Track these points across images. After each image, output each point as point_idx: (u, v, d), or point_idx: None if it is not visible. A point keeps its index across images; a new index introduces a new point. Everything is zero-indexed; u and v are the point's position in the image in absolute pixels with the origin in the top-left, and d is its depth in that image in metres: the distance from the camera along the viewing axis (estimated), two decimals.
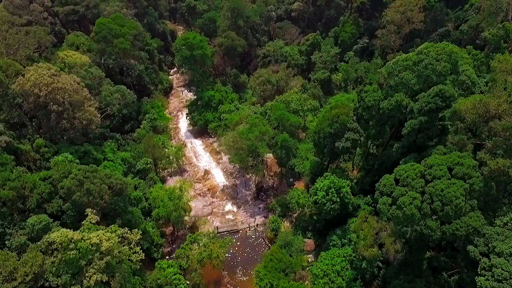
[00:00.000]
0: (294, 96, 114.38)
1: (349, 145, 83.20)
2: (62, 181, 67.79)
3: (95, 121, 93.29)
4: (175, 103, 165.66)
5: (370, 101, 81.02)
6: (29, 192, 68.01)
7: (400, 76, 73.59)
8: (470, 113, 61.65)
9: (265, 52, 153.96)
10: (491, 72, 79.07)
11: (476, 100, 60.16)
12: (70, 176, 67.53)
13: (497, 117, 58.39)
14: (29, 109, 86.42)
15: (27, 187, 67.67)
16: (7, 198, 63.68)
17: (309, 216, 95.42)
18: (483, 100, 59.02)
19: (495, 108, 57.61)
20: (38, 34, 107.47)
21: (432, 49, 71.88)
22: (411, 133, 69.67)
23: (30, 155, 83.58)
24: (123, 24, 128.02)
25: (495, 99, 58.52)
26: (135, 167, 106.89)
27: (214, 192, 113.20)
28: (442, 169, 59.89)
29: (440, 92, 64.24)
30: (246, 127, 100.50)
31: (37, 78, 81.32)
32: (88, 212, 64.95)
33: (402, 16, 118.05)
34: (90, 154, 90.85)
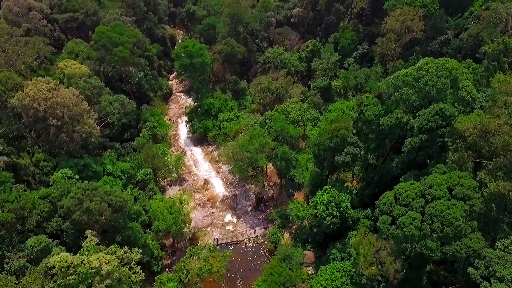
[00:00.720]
0: (294, 106, 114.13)
1: (349, 159, 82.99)
2: (61, 200, 67.67)
3: (94, 134, 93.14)
4: (175, 109, 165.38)
5: (370, 115, 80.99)
6: (28, 213, 67.86)
7: (400, 92, 73.44)
8: (471, 133, 61.48)
9: (264, 58, 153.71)
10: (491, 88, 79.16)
11: (476, 121, 60.06)
12: (69, 195, 67.42)
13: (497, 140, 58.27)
14: (28, 123, 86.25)
15: (26, 208, 67.54)
16: (5, 221, 63.53)
17: (309, 228, 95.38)
18: (483, 121, 58.87)
19: (496, 129, 57.47)
20: (37, 45, 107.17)
21: (433, 65, 71.69)
22: (411, 151, 69.54)
23: (30, 169, 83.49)
24: (122, 33, 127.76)
25: (495, 120, 58.35)
26: (134, 177, 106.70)
27: (214, 203, 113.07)
28: (442, 189, 59.88)
29: (441, 111, 64.14)
30: (245, 139, 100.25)
31: (36, 92, 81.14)
32: (87, 234, 64.83)
33: (402, 25, 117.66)
34: (89, 167, 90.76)
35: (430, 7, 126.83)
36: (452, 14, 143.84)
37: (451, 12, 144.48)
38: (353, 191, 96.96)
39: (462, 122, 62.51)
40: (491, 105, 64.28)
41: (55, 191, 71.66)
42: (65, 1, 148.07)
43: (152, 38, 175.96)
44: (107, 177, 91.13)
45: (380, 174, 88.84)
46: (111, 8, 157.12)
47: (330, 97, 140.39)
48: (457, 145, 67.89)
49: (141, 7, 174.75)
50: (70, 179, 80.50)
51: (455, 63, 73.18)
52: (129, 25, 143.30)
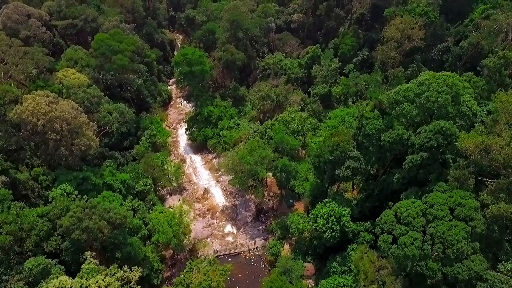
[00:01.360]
0: (294, 115, 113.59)
1: (349, 173, 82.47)
2: (60, 218, 67.26)
3: (93, 146, 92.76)
4: (174, 115, 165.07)
5: (371, 129, 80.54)
6: (27, 233, 67.44)
7: (401, 107, 73.15)
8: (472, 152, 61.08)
9: (264, 64, 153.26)
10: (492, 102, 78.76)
11: (478, 141, 59.62)
12: (68, 214, 66.99)
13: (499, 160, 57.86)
14: (27, 136, 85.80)
15: (24, 228, 67.16)
16: (3, 244, 63.10)
17: (309, 239, 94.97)
18: (485, 141, 58.45)
19: (498, 151, 57.08)
20: (36, 55, 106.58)
21: (434, 81, 71.43)
22: (412, 168, 69.12)
23: (28, 184, 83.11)
24: (121, 40, 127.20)
25: (497, 140, 57.95)
26: (134, 188, 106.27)
27: (213, 213, 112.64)
28: (444, 209, 59.56)
29: (442, 129, 63.76)
30: (245, 150, 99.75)
31: (35, 107, 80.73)
32: (87, 256, 64.44)
33: (402, 34, 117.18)
34: (89, 179, 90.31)
35: (431, 14, 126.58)
36: (452, 21, 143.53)
37: (451, 19, 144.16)
38: (353, 202, 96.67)
39: (464, 141, 62.02)
40: (493, 124, 63.76)
41: (54, 209, 71.29)
42: (64, 8, 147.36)
43: (151, 43, 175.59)
44: (107, 192, 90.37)
45: (380, 187, 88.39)
46: (110, 15, 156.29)
47: (330, 103, 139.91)
48: (459, 163, 67.38)
49: (140, 12, 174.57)
50: (69, 195, 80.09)
51: (456, 78, 72.95)
52: (128, 32, 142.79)
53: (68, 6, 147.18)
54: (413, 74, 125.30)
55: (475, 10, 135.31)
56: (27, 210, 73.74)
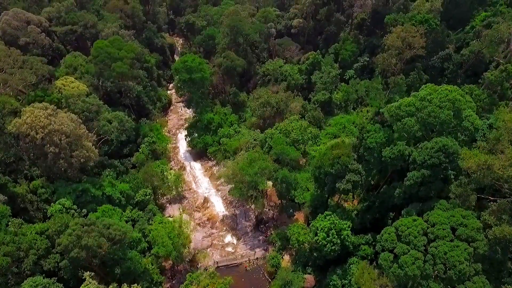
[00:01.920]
0: (294, 124, 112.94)
1: (350, 187, 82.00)
2: (59, 235, 66.74)
3: (92, 157, 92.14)
4: (174, 120, 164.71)
5: (372, 142, 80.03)
6: (25, 253, 66.91)
7: (402, 122, 72.60)
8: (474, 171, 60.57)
9: (264, 70, 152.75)
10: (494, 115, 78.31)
11: (481, 160, 59.06)
12: (67, 232, 66.41)
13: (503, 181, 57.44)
14: (25, 149, 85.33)
15: (22, 248, 66.61)
16: (1, 266, 62.53)
17: (309, 251, 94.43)
18: (488, 162, 57.91)
19: (500, 171, 56.59)
20: (35, 64, 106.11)
21: (435, 96, 70.92)
22: (413, 185, 68.61)
23: (27, 197, 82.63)
24: (121, 47, 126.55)
25: (500, 161, 57.47)
26: (134, 198, 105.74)
27: (213, 222, 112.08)
28: (445, 228, 59.14)
29: (444, 147, 63.29)
30: (246, 161, 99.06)
31: (33, 120, 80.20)
32: (86, 277, 63.96)
33: (403, 42, 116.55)
34: (88, 191, 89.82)
35: (432, 22, 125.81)
36: (453, 27, 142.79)
37: (452, 25, 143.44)
38: (354, 212, 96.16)
39: (466, 160, 61.45)
40: (496, 143, 63.17)
41: (52, 226, 70.81)
42: (64, 14, 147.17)
43: (151, 48, 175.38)
44: (106, 205, 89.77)
45: (381, 199, 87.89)
46: (110, 20, 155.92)
47: (330, 109, 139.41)
48: (461, 181, 66.88)
49: (140, 17, 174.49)
50: (69, 210, 79.62)
51: (457, 92, 72.43)
52: (127, 38, 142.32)
53: (68, 12, 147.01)
54: (414, 81, 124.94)
55: (476, 17, 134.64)
56: (25, 226, 73.33)
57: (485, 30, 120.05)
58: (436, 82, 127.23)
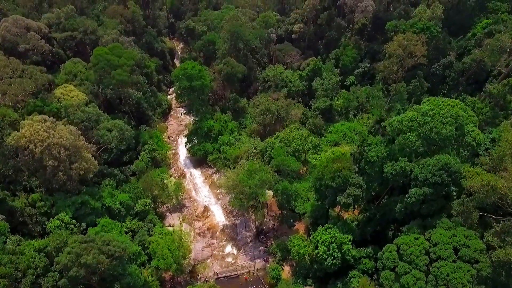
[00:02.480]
0: (295, 134, 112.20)
1: (350, 201, 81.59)
2: (58, 253, 66.16)
3: (92, 169, 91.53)
4: (174, 126, 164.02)
5: (373, 156, 79.45)
6: (23, 273, 66.32)
7: (404, 137, 72.01)
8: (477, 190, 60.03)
9: (265, 76, 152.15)
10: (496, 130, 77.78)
11: (483, 181, 58.50)
12: (66, 250, 65.79)
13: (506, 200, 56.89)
14: (24, 162, 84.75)
15: (20, 268, 66.01)
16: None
17: (310, 263, 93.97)
18: (491, 183, 57.34)
19: (504, 192, 56.06)
20: (34, 74, 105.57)
21: (438, 111, 70.32)
22: (415, 202, 68.05)
23: (26, 211, 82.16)
24: (120, 55, 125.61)
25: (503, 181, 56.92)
26: (133, 208, 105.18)
27: (213, 232, 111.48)
28: (448, 248, 58.66)
29: (446, 165, 62.70)
30: (246, 172, 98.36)
31: (32, 133, 79.61)
32: None
33: (404, 50, 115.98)
34: (87, 204, 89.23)
35: (433, 29, 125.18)
36: (455, 33, 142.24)
37: (453, 31, 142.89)
38: (354, 222, 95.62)
39: (469, 179, 60.91)
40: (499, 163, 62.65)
41: (51, 243, 70.30)
42: (64, 20, 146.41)
43: (151, 52, 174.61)
44: (105, 219, 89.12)
45: (382, 212, 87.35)
46: (109, 26, 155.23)
47: (331, 116, 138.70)
48: (463, 199, 66.29)
49: (140, 22, 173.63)
50: (68, 225, 79.12)
51: (460, 107, 71.90)
52: (127, 45, 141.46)
53: (67, 18, 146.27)
54: (415, 89, 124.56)
55: (477, 24, 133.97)
56: (24, 243, 72.78)
57: (486, 38, 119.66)
58: (437, 89, 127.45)
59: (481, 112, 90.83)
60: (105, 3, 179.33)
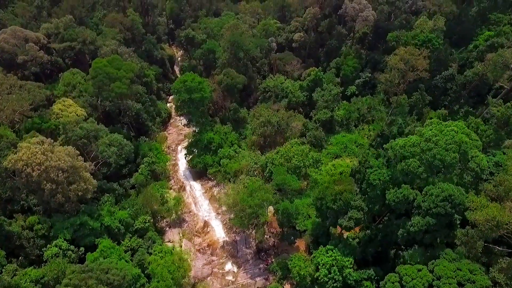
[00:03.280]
0: (295, 149, 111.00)
1: (352, 225, 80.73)
2: (55, 285, 65.23)
3: (90, 190, 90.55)
4: (174, 135, 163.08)
5: (375, 180, 78.36)
6: None
7: (407, 163, 70.99)
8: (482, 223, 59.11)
9: (265, 86, 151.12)
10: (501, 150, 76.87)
11: (489, 215, 57.57)
12: (64, 282, 64.79)
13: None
14: (21, 184, 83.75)
15: None
16: None
17: (310, 282, 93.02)
18: (496, 218, 56.39)
19: (510, 226, 55.16)
20: (32, 91, 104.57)
21: (441, 137, 69.24)
22: (418, 232, 67.11)
23: (23, 234, 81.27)
24: (119, 67, 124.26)
25: (508, 214, 55.99)
26: (133, 226, 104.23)
27: (214, 249, 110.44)
28: (452, 283, 57.75)
29: (450, 197, 61.69)
30: (246, 191, 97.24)
31: (29, 157, 78.58)
32: None
33: (406, 64, 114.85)
34: (86, 225, 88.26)
35: (435, 41, 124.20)
36: (456, 44, 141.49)
37: (455, 42, 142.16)
38: (355, 240, 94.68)
39: (474, 212, 59.99)
40: (504, 195, 61.68)
41: (48, 274, 69.39)
42: (62, 30, 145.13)
43: (150, 60, 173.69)
44: (104, 242, 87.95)
45: (384, 233, 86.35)
46: (109, 34, 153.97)
47: (332, 127, 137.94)
48: (467, 230, 65.39)
49: (139, 29, 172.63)
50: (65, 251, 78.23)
51: (464, 133, 70.84)
52: (126, 56, 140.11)
53: (66, 28, 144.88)
54: (416, 102, 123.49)
55: (479, 35, 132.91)
56: (20, 273, 71.73)
57: (488, 51, 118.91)
58: (439, 101, 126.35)
59: (484, 135, 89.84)
60: (104, 11, 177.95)
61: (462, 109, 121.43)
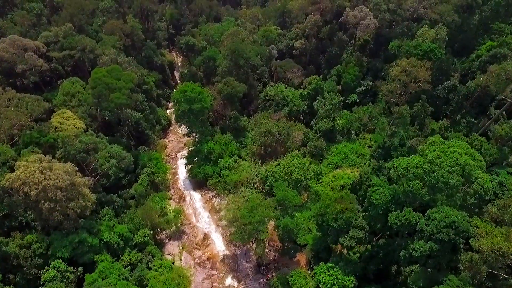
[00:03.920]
0: (296, 161, 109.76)
1: (353, 244, 79.92)
2: None
3: (89, 206, 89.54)
4: (174, 143, 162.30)
5: (377, 199, 77.46)
6: None
7: (410, 185, 70.05)
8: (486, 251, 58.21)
9: (265, 95, 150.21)
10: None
11: (494, 245, 56.64)
12: None
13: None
14: (19, 202, 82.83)
15: None
16: None
17: None
18: (503, 249, 55.46)
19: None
20: (30, 105, 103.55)
21: (445, 159, 68.24)
22: (420, 257, 66.19)
23: (21, 254, 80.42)
24: (119, 77, 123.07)
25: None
26: (132, 240, 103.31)
27: (214, 263, 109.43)
28: None
29: (453, 223, 60.74)
30: (247, 208, 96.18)
31: (27, 176, 77.63)
32: None
33: (408, 76, 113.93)
34: (85, 242, 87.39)
35: (437, 51, 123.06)
36: (458, 53, 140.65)
37: (457, 51, 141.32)
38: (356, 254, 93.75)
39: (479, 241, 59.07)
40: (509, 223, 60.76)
41: None
42: (62, 38, 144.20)
43: (150, 66, 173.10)
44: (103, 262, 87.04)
45: (385, 251, 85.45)
46: (108, 42, 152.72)
47: (333, 136, 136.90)
48: (471, 256, 64.47)
49: (139, 36, 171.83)
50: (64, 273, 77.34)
51: (467, 154, 69.91)
52: (126, 65, 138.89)
53: (66, 37, 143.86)
54: (418, 112, 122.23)
55: (481, 45, 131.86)
56: None
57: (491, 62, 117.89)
58: (441, 112, 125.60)
59: (488, 153, 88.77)
60: (104, 18, 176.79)
61: (464, 120, 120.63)
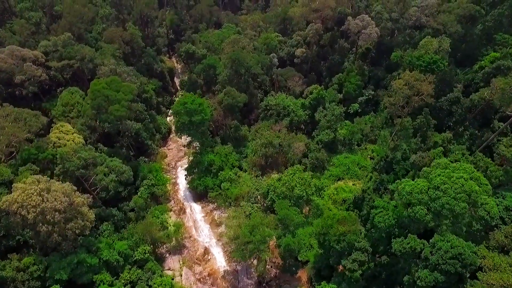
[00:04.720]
0: (298, 176, 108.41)
1: (356, 267, 78.72)
2: None
3: (88, 226, 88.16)
4: (174, 151, 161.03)
5: (380, 222, 76.32)
6: None
7: (414, 211, 68.81)
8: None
9: (266, 104, 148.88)
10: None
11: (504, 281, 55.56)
12: None
13: None
14: (16, 224, 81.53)
15: None
16: None
17: None
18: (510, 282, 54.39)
19: None
20: (28, 120, 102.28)
21: (450, 185, 66.95)
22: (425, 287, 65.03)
23: (17, 277, 79.26)
24: (118, 89, 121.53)
25: None
26: (132, 256, 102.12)
27: (214, 279, 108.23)
28: None
29: (460, 255, 59.52)
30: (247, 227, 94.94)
31: (25, 199, 76.29)
32: None
33: (411, 89, 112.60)
34: (84, 263, 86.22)
35: (440, 63, 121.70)
36: (461, 63, 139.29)
37: (460, 61, 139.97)
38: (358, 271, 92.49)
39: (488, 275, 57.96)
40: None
41: None
42: (61, 48, 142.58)
43: (150, 73, 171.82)
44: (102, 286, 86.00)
45: (388, 272, 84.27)
46: (108, 51, 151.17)
47: (334, 146, 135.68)
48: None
49: (139, 43, 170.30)
50: None
51: (473, 178, 68.68)
52: (125, 76, 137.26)
53: (65, 46, 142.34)
54: (421, 125, 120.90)
55: (485, 56, 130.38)
56: None
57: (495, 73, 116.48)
58: (444, 124, 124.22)
59: (494, 175, 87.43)
60: (103, 25, 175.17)
61: (467, 132, 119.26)
